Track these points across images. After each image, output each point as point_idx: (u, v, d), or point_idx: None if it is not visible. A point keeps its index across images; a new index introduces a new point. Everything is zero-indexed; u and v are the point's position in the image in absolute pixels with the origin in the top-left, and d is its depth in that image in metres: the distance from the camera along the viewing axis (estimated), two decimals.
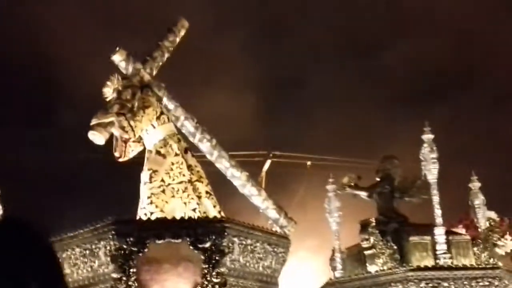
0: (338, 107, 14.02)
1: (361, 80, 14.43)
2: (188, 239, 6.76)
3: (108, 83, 7.74)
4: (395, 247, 8.23)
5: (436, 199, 8.11)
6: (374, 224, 8.37)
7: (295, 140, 14.57)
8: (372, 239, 8.22)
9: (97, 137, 7.44)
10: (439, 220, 8.12)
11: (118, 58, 8.01)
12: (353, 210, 9.01)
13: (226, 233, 6.87)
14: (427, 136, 8.26)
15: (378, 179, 8.94)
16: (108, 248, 6.64)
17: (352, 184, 8.86)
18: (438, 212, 8.10)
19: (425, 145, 8.20)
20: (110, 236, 6.60)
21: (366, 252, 8.39)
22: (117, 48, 8.01)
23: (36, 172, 12.78)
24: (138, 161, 7.90)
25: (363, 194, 8.86)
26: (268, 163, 14.65)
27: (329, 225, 8.91)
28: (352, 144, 13.57)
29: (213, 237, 6.80)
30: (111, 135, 7.52)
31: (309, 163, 14.45)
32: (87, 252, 6.83)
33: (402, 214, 8.77)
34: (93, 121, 7.44)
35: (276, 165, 14.66)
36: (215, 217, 7.27)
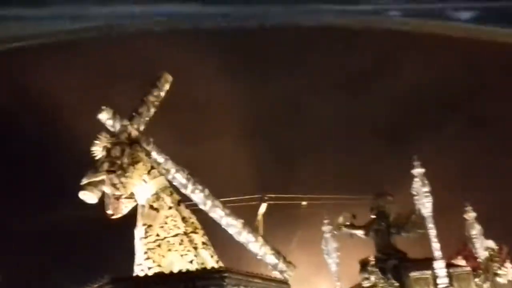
0: (329, 146, 14.10)
1: (350, 116, 14.54)
2: None
3: (97, 141, 7.81)
4: (396, 284, 8.20)
5: (432, 232, 8.11)
6: (373, 262, 8.35)
7: (288, 182, 14.56)
8: (373, 278, 8.19)
9: (89, 196, 7.48)
10: (438, 253, 8.10)
11: (104, 116, 8.13)
12: (351, 249, 8.98)
13: (225, 283, 6.83)
14: (418, 171, 8.30)
15: (373, 216, 8.96)
16: None
17: (348, 223, 8.86)
18: (436, 245, 8.08)
19: (416, 179, 8.24)
20: None
21: None
22: (103, 107, 8.11)
23: (29, 234, 12.69)
24: (131, 217, 7.90)
25: (359, 233, 8.87)
26: (263, 206, 14.59)
27: (328, 267, 8.86)
28: (344, 181, 13.60)
29: None
30: (103, 193, 7.55)
31: (304, 203, 14.42)
32: None
33: (400, 250, 8.76)
34: (84, 181, 7.49)
35: (271, 207, 14.62)
36: (213, 267, 7.25)
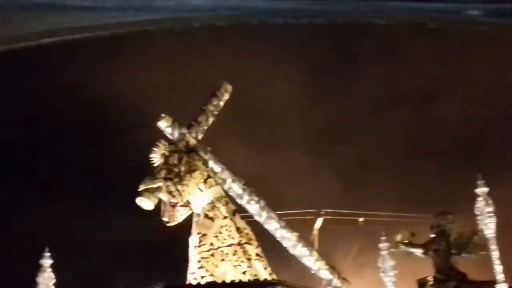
0: (388, 162, 13.85)
1: (411, 133, 14.26)
2: None
3: (155, 149, 7.92)
4: None
5: (495, 254, 7.82)
6: (431, 282, 8.11)
7: (345, 197, 14.39)
8: None
9: (146, 203, 7.58)
10: (500, 276, 7.80)
11: (163, 124, 8.24)
12: (408, 268, 8.75)
13: None
14: (481, 190, 8.04)
15: (433, 235, 8.70)
16: None
17: (406, 241, 8.63)
18: (498, 268, 7.79)
19: (479, 198, 7.98)
20: None
21: None
22: (163, 115, 8.22)
23: (88, 240, 12.95)
24: (186, 225, 7.94)
25: (418, 251, 8.61)
26: (319, 221, 14.47)
27: (384, 285, 8.66)
28: (404, 199, 13.32)
29: None
30: (160, 200, 7.62)
31: (361, 219, 14.21)
32: None
33: (460, 271, 8.47)
34: (141, 187, 7.60)
35: (327, 223, 14.47)
36: (266, 279, 7.23)
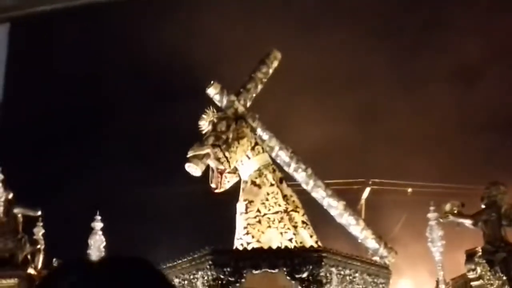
0: (438, 133, 13.66)
1: (460, 105, 14.00)
2: (285, 269, 6.77)
3: (204, 116, 8.00)
4: (504, 277, 7.85)
5: None
6: (480, 253, 8.03)
7: (393, 167, 14.27)
8: (479, 270, 7.88)
9: (194, 169, 7.67)
10: None
11: (212, 91, 8.32)
12: (457, 239, 8.68)
13: (323, 263, 6.84)
14: None
15: (483, 206, 8.58)
16: (206, 278, 6.78)
17: (456, 211, 8.54)
18: None
19: None
20: (208, 267, 6.74)
21: (473, 283, 8.05)
22: (212, 82, 8.29)
23: (138, 206, 13.24)
24: (234, 192, 8.04)
25: (467, 222, 8.51)
26: (367, 191, 14.43)
27: (431, 255, 8.63)
28: (453, 170, 13.14)
29: (310, 267, 6.77)
30: (207, 167, 7.72)
31: (409, 190, 14.10)
32: (185, 282, 6.99)
33: (510, 243, 8.35)
34: (190, 153, 7.69)
35: (375, 193, 14.41)
36: (312, 246, 7.27)
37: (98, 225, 9.32)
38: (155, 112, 14.06)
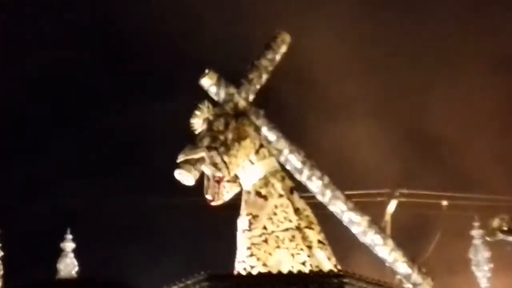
0: (481, 135, 13.54)
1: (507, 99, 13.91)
2: None
3: (197, 112, 7.84)
4: None
5: None
6: None
7: (424, 177, 14.19)
8: None
9: (185, 177, 7.53)
10: None
11: (207, 82, 8.11)
12: (508, 261, 8.59)
13: None
14: None
15: None
16: None
17: (505, 228, 8.39)
18: None
19: None
20: None
21: None
22: (206, 71, 8.12)
23: (114, 221, 13.14)
24: (233, 205, 7.90)
25: None
26: (393, 204, 14.32)
27: (476, 281, 8.54)
28: (497, 181, 13.04)
29: None
30: (202, 174, 7.56)
31: (445, 203, 13.99)
32: None
33: None
34: (180, 158, 7.54)
35: (402, 206, 14.32)
36: (331, 270, 7.13)
37: (69, 245, 9.21)
38: (134, 110, 14.01)
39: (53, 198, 12.79)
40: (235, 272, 7.34)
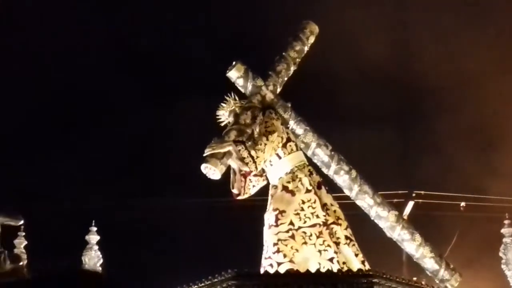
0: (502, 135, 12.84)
1: None
2: None
3: (223, 104, 7.34)
4: None
5: None
6: None
7: (441, 178, 13.53)
8: None
9: (212, 171, 6.90)
10: None
11: (235, 74, 7.50)
12: None
13: None
14: None
15: None
16: None
17: None
18: None
19: None
20: None
21: None
22: (234, 63, 7.53)
23: (142, 221, 12.71)
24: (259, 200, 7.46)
25: None
26: (410, 205, 13.63)
27: (506, 280, 7.87)
28: None
29: None
30: (228, 168, 6.99)
31: (463, 204, 13.29)
32: None
33: None
34: (207, 152, 6.92)
35: (420, 207, 13.63)
36: (360, 270, 6.44)
37: (94, 238, 8.69)
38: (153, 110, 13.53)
39: (78, 196, 12.38)
40: (262, 269, 6.73)
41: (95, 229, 8.78)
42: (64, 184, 12.85)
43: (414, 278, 7.24)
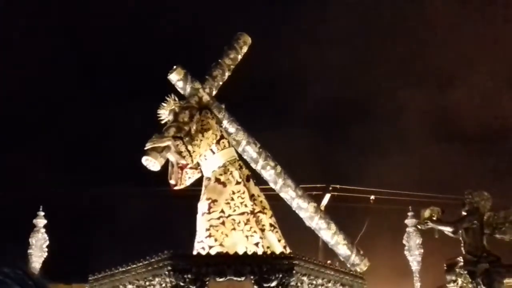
0: (405, 140, 13.20)
1: (443, 108, 13.63)
2: (252, 277, 6.09)
3: (164, 104, 7.29)
4: None
5: None
6: (461, 264, 7.47)
7: (357, 175, 13.75)
8: (460, 281, 7.33)
9: (152, 163, 6.87)
10: None
11: (175, 77, 7.51)
12: (436, 248, 8.14)
13: (294, 272, 6.18)
14: None
15: (464, 213, 8.02)
16: (164, 285, 6.02)
17: (435, 218, 7.94)
18: None
19: None
20: (166, 273, 5.97)
21: None
22: (174, 67, 7.52)
23: (85, 208, 12.42)
24: (193, 190, 7.40)
25: (447, 229, 7.92)
26: (327, 197, 13.80)
27: (408, 264, 8.09)
28: (422, 179, 12.70)
29: (280, 275, 6.12)
30: (167, 161, 6.94)
31: (372, 197, 13.54)
32: None
33: (493, 253, 7.81)
34: (148, 145, 6.87)
35: (335, 200, 13.81)
36: (282, 253, 6.57)
37: (41, 221, 8.48)
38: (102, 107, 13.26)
39: (27, 185, 11.99)
40: (195, 251, 6.75)
41: (42, 213, 8.59)
42: (15, 174, 12.44)
43: (329, 262, 7.39)
